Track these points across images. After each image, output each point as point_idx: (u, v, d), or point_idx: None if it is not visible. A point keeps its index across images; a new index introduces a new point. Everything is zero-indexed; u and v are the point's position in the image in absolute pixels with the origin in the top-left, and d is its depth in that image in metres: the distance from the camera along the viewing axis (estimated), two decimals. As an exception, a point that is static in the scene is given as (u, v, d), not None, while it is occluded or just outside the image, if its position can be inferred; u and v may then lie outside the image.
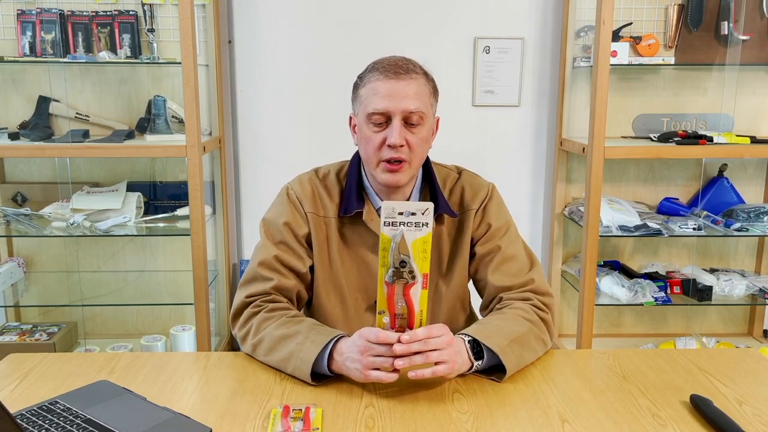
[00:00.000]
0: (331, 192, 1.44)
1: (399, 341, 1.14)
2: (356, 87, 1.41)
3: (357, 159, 1.46)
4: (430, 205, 1.13)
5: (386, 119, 1.33)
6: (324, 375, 1.24)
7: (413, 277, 1.14)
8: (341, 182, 1.45)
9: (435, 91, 1.40)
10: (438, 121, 1.44)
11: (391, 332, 1.15)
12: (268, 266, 1.40)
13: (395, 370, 1.16)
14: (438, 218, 1.43)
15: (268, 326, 1.31)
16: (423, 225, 1.13)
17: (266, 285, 1.39)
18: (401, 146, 1.32)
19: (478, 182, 1.49)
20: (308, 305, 1.51)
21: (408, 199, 1.43)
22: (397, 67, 1.33)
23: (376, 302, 1.32)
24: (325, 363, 1.22)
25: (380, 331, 1.15)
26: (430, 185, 1.45)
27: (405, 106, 1.31)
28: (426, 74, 1.38)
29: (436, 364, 1.15)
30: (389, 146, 1.32)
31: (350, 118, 1.45)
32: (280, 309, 1.37)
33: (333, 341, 1.23)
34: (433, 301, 1.46)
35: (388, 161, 1.34)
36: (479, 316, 1.51)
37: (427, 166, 1.46)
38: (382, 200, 1.41)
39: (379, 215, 1.37)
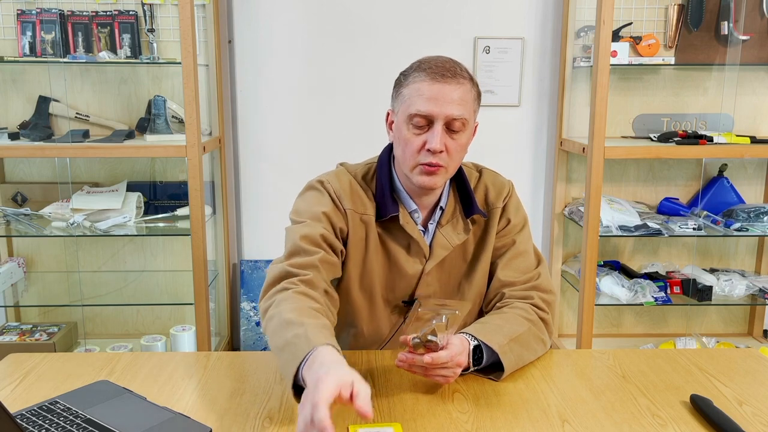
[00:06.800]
0: (366, 192, 1.41)
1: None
2: (398, 84, 1.34)
3: (385, 160, 1.43)
4: (465, 308, 1.14)
5: (428, 122, 1.29)
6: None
7: (437, 346, 1.15)
8: (369, 185, 1.42)
9: (478, 97, 1.36)
10: (476, 127, 1.40)
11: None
12: (311, 241, 1.30)
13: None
14: (471, 220, 1.42)
15: (285, 305, 1.19)
16: (454, 312, 1.15)
17: (312, 258, 1.28)
18: (440, 152, 1.29)
19: (500, 181, 1.49)
20: None
21: (438, 200, 1.42)
22: (445, 70, 1.28)
23: (402, 302, 1.43)
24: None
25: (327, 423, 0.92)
26: (460, 186, 1.44)
27: (449, 111, 1.27)
28: (472, 79, 1.33)
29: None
30: (428, 150, 1.28)
31: (387, 113, 1.39)
32: (309, 298, 1.23)
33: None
34: (455, 299, 1.46)
35: (426, 164, 1.30)
36: None
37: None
38: (414, 201, 1.39)
39: (413, 217, 1.39)
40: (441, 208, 1.42)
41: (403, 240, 1.40)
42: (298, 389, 1.05)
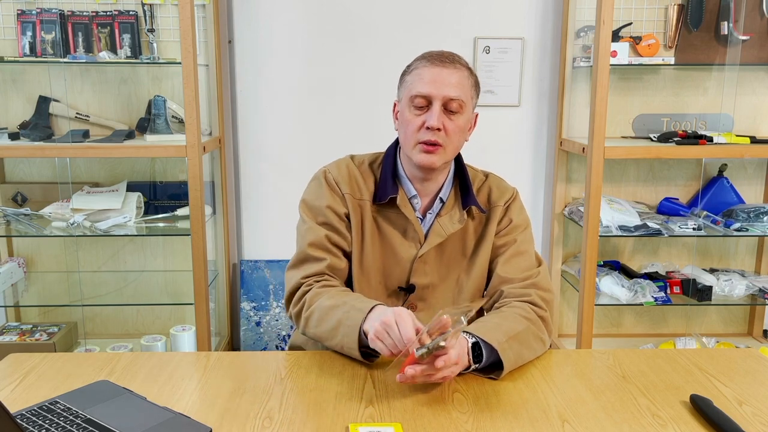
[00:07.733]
0: (366, 178, 1.50)
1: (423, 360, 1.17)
2: (403, 74, 1.47)
3: (392, 149, 1.52)
4: (477, 304, 1.27)
5: (427, 103, 1.39)
6: (369, 352, 1.28)
7: (446, 350, 1.16)
8: (375, 172, 1.51)
9: (476, 86, 1.47)
10: (476, 117, 1.50)
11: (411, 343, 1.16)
12: (318, 246, 1.45)
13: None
14: (468, 212, 1.49)
15: (319, 299, 1.37)
16: (470, 309, 1.20)
17: (320, 265, 1.43)
18: (438, 130, 1.38)
19: (504, 185, 1.56)
20: None
21: (440, 190, 1.49)
22: (443, 57, 1.41)
23: (398, 288, 1.48)
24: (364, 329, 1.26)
25: (409, 327, 1.17)
26: (461, 180, 1.50)
27: (446, 92, 1.38)
28: (470, 69, 1.45)
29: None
30: (427, 128, 1.38)
31: (394, 104, 1.51)
32: (331, 286, 1.43)
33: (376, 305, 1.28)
34: (454, 293, 1.51)
35: (425, 143, 1.39)
36: None
37: (459, 163, 1.52)
38: (415, 187, 1.47)
39: (412, 203, 1.47)
40: (441, 199, 1.49)
41: (400, 225, 1.47)
42: (364, 354, 1.28)
